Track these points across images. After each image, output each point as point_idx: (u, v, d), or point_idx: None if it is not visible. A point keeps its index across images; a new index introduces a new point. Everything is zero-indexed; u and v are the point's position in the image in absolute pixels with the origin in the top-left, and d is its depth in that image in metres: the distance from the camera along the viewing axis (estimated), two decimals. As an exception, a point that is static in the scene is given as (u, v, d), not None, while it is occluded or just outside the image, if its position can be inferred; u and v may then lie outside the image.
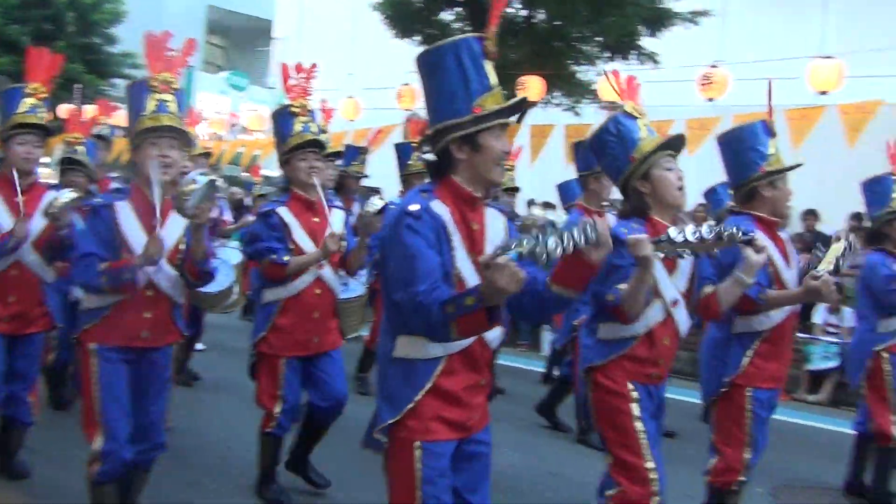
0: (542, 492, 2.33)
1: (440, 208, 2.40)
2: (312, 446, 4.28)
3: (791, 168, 3.69)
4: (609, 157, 3.18)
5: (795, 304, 3.64)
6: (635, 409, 3.03)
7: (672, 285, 3.10)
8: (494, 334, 2.48)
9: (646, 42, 11.62)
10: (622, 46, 11.62)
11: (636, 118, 3.14)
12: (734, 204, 3.88)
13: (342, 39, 19.22)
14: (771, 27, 15.47)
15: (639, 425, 3.01)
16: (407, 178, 6.30)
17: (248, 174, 10.33)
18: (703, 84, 11.94)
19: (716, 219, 6.37)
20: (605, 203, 5.61)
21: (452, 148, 2.43)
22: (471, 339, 2.40)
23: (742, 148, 3.72)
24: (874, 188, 4.77)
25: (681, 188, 3.10)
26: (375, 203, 4.07)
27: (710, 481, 3.61)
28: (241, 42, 29.52)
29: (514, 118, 2.59)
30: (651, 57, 11.57)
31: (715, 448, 3.61)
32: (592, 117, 11.47)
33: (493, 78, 2.44)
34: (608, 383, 3.07)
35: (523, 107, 2.59)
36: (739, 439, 3.54)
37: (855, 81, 10.87)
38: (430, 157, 2.51)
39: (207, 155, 6.20)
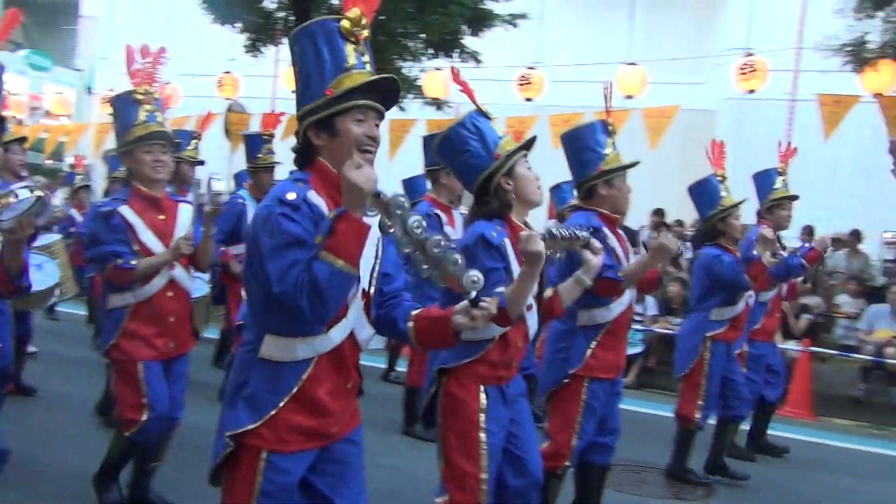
0: (369, 483, 2.32)
1: (317, 199, 2.27)
2: (151, 465, 3.97)
3: (627, 167, 3.84)
4: (468, 154, 3.07)
5: (647, 270, 3.79)
6: (482, 419, 2.97)
7: None
8: (366, 335, 2.38)
9: (468, 41, 11.90)
10: (446, 44, 11.82)
11: (489, 118, 3.11)
12: (577, 201, 4.03)
13: (157, 22, 18.24)
14: (584, 32, 16.34)
15: (483, 436, 2.96)
16: (255, 171, 6.07)
17: (73, 165, 9.54)
18: (521, 84, 12.40)
19: (559, 216, 6.63)
20: (456, 198, 5.67)
21: (310, 134, 2.33)
22: (341, 339, 2.30)
23: (581, 147, 3.85)
24: (702, 190, 5.08)
25: (539, 186, 3.13)
26: (217, 185, 3.90)
27: None
28: (44, 19, 27.26)
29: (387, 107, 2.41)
30: (473, 56, 11.86)
31: (547, 434, 3.76)
32: (417, 113, 11.60)
33: (352, 59, 2.33)
34: (458, 391, 2.99)
35: (389, 86, 2.38)
36: (571, 427, 3.70)
37: (656, 87, 11.70)
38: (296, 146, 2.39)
39: (22, 140, 5.61)
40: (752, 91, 10.30)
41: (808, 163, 7.88)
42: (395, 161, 10.00)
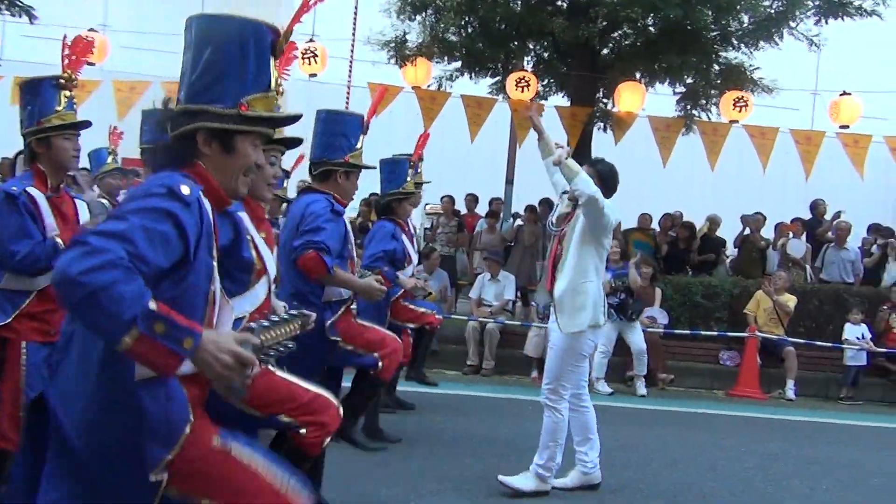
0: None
1: (207, 204, 2.05)
2: None
3: (366, 167, 4.19)
4: None
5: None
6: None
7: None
8: None
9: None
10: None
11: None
12: (309, 181, 4.26)
13: None
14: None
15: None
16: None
17: None
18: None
19: (98, 179, 6.59)
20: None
21: (199, 138, 2.10)
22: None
23: (336, 131, 4.03)
24: (392, 168, 5.56)
25: (271, 184, 3.23)
26: None
27: None
28: None
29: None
30: (27, 11, 10.85)
31: None
32: None
33: (273, 79, 2.16)
34: None
35: (290, 123, 2.25)
36: None
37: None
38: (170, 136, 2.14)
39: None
40: (313, 75, 11.12)
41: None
42: None
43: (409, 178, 5.66)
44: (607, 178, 4.74)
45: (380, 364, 4.41)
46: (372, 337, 4.50)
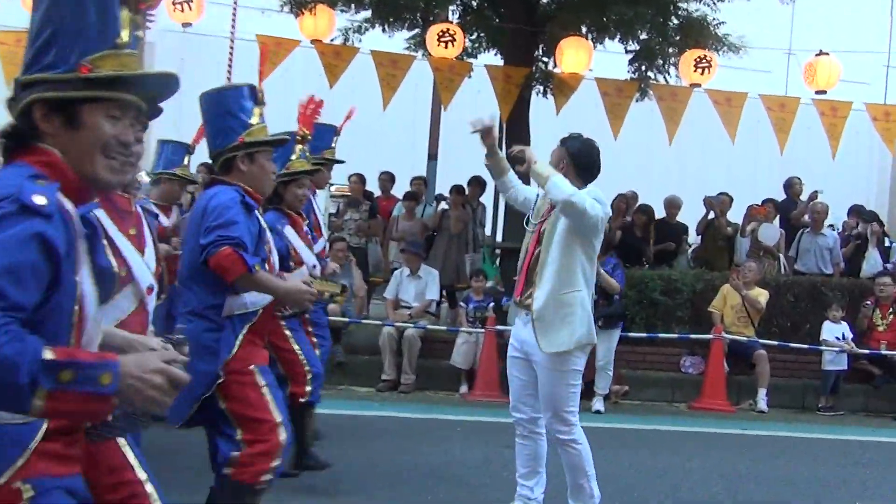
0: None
1: (69, 203, 2.02)
2: None
3: (273, 142, 4.05)
4: None
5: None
6: None
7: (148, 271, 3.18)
8: None
9: None
10: None
11: None
12: (209, 173, 4.12)
13: None
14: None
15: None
16: None
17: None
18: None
19: None
20: None
21: (36, 113, 2.03)
22: None
23: (221, 111, 3.95)
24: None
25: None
26: None
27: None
28: None
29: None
30: None
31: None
32: None
33: (126, 35, 2.08)
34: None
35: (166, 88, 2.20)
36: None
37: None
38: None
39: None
40: (187, 25, 10.94)
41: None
42: None
43: (294, 155, 5.50)
44: (581, 158, 4.74)
45: (232, 454, 3.92)
46: (257, 413, 3.99)
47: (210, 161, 4.39)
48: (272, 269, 4.25)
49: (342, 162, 6.63)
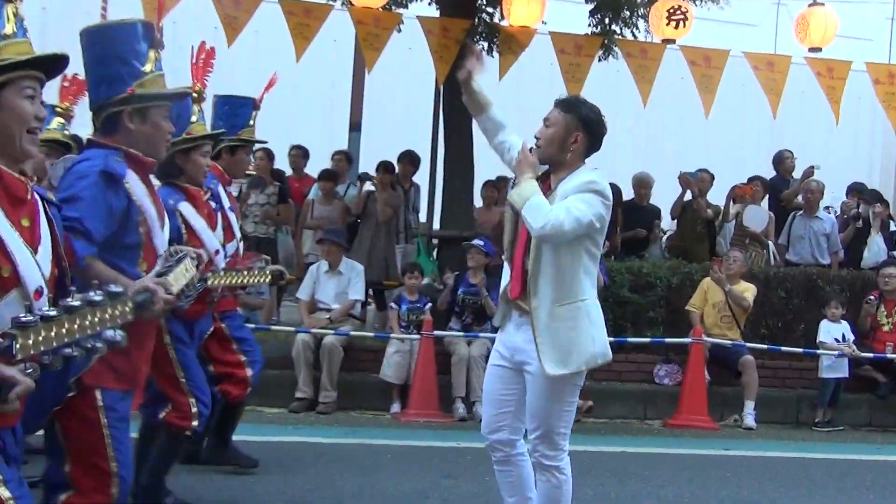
0: None
1: None
2: None
3: (171, 96, 3.99)
4: None
5: None
6: None
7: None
8: None
9: None
10: None
11: None
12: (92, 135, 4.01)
13: None
14: None
15: None
16: None
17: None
18: None
19: None
20: None
21: None
22: None
23: (107, 53, 3.84)
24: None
25: None
26: None
27: None
28: None
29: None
30: None
31: None
32: None
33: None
34: None
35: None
36: None
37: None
38: None
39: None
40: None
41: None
42: None
43: (193, 117, 5.51)
44: (597, 127, 4.68)
45: (61, 498, 3.85)
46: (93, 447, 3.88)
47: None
48: (150, 255, 4.10)
49: (264, 142, 6.48)
